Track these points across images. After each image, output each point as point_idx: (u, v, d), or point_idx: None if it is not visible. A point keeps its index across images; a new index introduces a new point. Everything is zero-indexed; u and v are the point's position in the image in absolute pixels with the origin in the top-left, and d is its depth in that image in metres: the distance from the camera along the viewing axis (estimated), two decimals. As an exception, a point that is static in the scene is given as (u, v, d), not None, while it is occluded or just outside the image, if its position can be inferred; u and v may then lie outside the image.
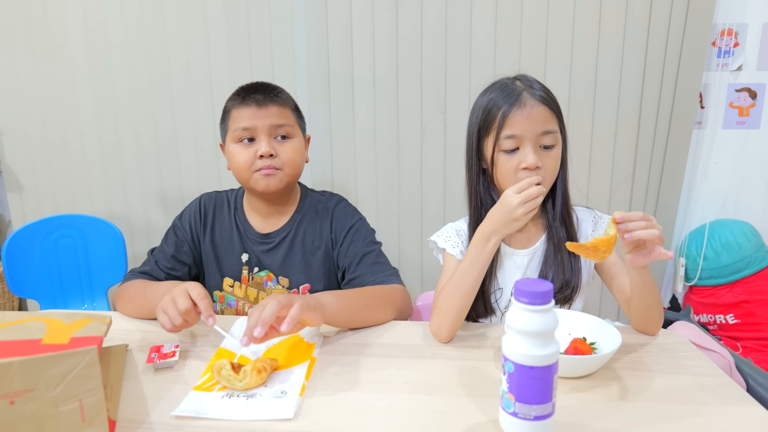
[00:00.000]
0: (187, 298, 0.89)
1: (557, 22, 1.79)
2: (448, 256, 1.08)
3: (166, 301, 0.90)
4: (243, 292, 1.22)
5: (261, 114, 1.12)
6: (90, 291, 1.73)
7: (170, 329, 0.90)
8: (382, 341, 0.96)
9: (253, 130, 1.12)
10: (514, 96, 0.97)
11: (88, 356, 0.59)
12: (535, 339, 0.62)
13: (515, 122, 0.96)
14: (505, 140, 0.97)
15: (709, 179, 1.99)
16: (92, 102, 1.91)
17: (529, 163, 0.95)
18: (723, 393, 0.78)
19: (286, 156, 1.13)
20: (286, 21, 1.83)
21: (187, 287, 0.91)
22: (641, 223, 0.83)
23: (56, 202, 2.00)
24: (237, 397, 0.76)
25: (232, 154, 1.14)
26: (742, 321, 1.83)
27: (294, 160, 1.15)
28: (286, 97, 1.19)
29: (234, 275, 1.22)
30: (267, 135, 1.12)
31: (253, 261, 1.21)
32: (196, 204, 1.26)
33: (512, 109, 0.96)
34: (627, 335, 0.94)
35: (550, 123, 0.97)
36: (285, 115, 1.15)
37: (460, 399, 0.76)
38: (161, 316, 0.91)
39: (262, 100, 1.13)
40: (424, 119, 1.89)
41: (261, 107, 1.12)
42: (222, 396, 0.76)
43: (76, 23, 1.85)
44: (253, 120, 1.12)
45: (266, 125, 1.12)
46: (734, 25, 1.86)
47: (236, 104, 1.14)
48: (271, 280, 1.21)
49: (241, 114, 1.13)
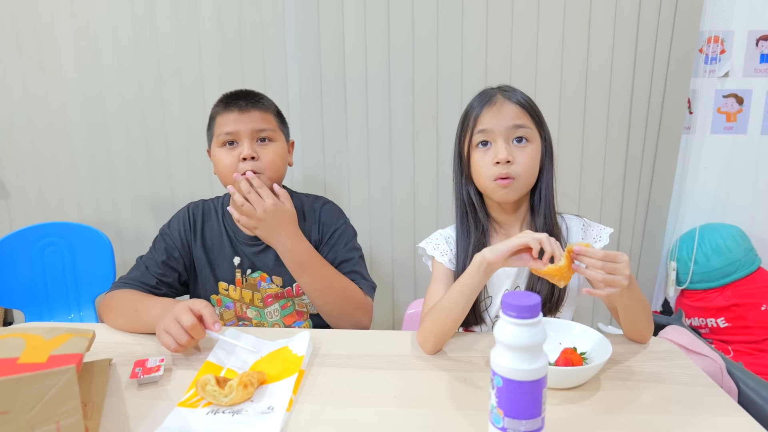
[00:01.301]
0: (190, 314, 0.89)
1: (547, 30, 1.80)
2: (437, 263, 1.08)
3: (168, 322, 0.90)
4: (238, 295, 1.24)
5: (243, 119, 1.16)
6: (77, 301, 1.71)
7: (175, 349, 0.89)
8: (372, 351, 0.95)
9: (235, 134, 1.15)
10: (488, 97, 1.02)
11: (65, 376, 0.58)
12: (524, 353, 0.62)
13: (486, 118, 1.00)
14: (477, 135, 1.01)
15: (699, 183, 2.00)
16: (82, 107, 1.89)
17: (500, 157, 0.97)
18: (713, 403, 0.77)
19: (267, 159, 1.16)
20: (278, 27, 1.82)
21: (188, 303, 0.91)
22: (597, 263, 0.81)
23: (44, 209, 1.97)
24: (222, 414, 0.74)
25: (217, 159, 1.18)
26: (732, 324, 1.84)
27: (275, 163, 1.17)
28: (268, 103, 1.23)
29: (228, 279, 1.24)
30: (249, 138, 1.15)
31: (246, 263, 1.23)
32: (183, 212, 1.27)
33: (484, 109, 1.01)
34: (618, 344, 0.94)
35: (522, 119, 1.00)
36: (267, 119, 1.19)
37: (450, 412, 0.76)
38: (164, 337, 0.90)
39: (245, 105, 1.17)
40: (416, 125, 1.88)
41: (243, 112, 1.16)
42: (207, 412, 0.75)
43: (66, 30, 1.83)
44: (236, 124, 1.15)
45: (248, 129, 1.15)
46: (720, 33, 1.88)
47: (220, 110, 1.19)
48: (264, 280, 1.23)
49: (225, 119, 1.16)
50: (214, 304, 1.25)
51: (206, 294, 1.25)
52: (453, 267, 1.07)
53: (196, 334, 0.89)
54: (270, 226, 1.10)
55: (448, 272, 1.07)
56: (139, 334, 1.02)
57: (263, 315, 1.24)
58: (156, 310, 0.97)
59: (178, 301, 0.95)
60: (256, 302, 1.23)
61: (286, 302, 1.24)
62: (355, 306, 1.15)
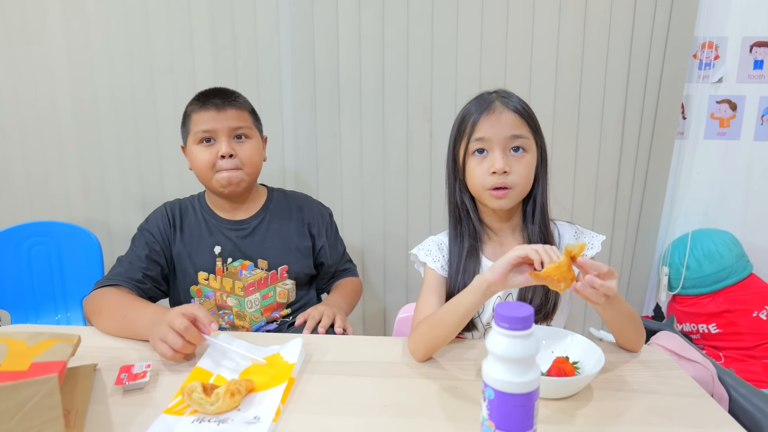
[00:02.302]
0: (183, 318, 0.88)
1: (542, 34, 1.80)
2: (429, 270, 1.07)
3: (162, 329, 0.88)
4: (219, 284, 1.26)
5: (220, 117, 1.20)
6: (64, 301, 1.68)
7: (172, 357, 0.88)
8: (363, 358, 0.94)
9: (213, 132, 1.20)
10: (486, 104, 1.00)
11: (47, 386, 0.56)
12: (516, 365, 0.61)
13: (484, 126, 0.99)
14: (474, 143, 0.99)
15: (692, 189, 2.01)
16: (72, 106, 1.87)
17: (497, 167, 0.96)
18: (704, 414, 0.77)
19: (245, 155, 1.22)
20: (271, 28, 1.81)
21: (180, 308, 0.90)
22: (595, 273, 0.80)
23: (32, 208, 1.94)
24: (208, 423, 0.73)
25: (194, 155, 1.22)
26: (724, 330, 1.84)
27: (252, 159, 1.23)
28: (243, 101, 1.27)
29: (208, 268, 1.26)
30: (226, 136, 1.20)
31: (227, 251, 1.26)
32: (160, 210, 1.29)
33: (482, 116, 0.99)
34: (610, 353, 0.93)
35: (520, 129, 0.99)
36: (243, 117, 1.24)
37: (441, 423, 0.75)
38: (160, 345, 0.88)
39: (221, 104, 1.21)
40: (410, 127, 1.87)
41: (220, 111, 1.20)
42: (192, 420, 0.73)
43: (56, 28, 1.81)
44: (213, 122, 1.20)
45: (225, 127, 1.20)
46: (714, 39, 1.88)
47: (196, 108, 1.22)
48: (246, 269, 1.26)
49: (201, 117, 1.20)
50: (194, 295, 1.27)
51: (185, 286, 1.26)
52: (445, 273, 1.06)
53: (191, 338, 0.88)
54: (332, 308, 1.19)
55: (440, 278, 1.06)
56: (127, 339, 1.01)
57: (243, 304, 1.26)
58: (146, 319, 0.96)
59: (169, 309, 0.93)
60: (237, 291, 1.26)
61: (268, 291, 1.27)
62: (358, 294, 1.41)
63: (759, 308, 1.80)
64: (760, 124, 1.94)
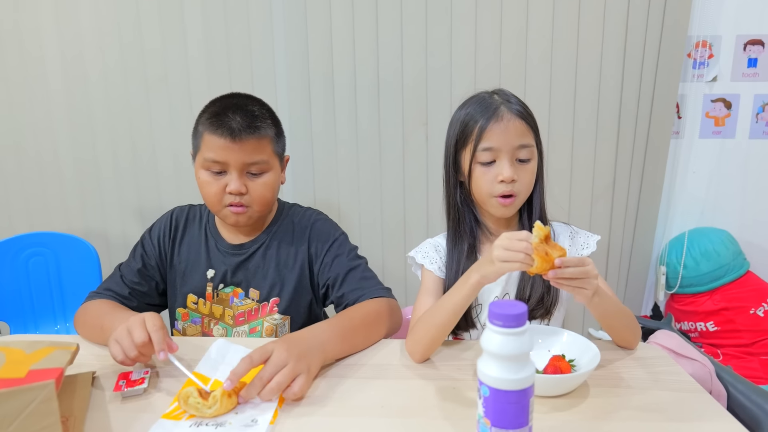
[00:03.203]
0: (143, 330, 0.84)
1: (536, 36, 1.81)
2: (426, 272, 1.07)
3: (120, 332, 0.85)
4: (207, 309, 1.18)
5: (234, 148, 1.03)
6: (63, 312, 1.68)
7: (122, 361, 0.84)
8: (361, 361, 0.94)
9: (224, 164, 1.05)
10: (492, 109, 0.98)
11: (44, 391, 0.57)
12: (510, 362, 0.61)
13: (492, 135, 0.97)
14: (482, 153, 0.98)
15: (688, 188, 2.01)
16: (67, 115, 1.87)
17: (506, 176, 0.96)
18: (701, 409, 0.77)
19: (256, 193, 1.07)
20: (265, 33, 1.82)
21: (144, 317, 0.86)
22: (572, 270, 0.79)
23: (30, 219, 1.95)
24: (206, 426, 0.73)
25: (201, 180, 1.09)
26: (722, 328, 1.84)
27: (265, 197, 1.09)
28: (266, 126, 1.08)
29: (198, 292, 1.17)
30: (238, 171, 1.05)
31: (219, 277, 1.16)
32: (167, 218, 1.22)
33: (490, 123, 0.97)
34: (606, 351, 0.93)
35: (527, 137, 0.99)
36: (261, 148, 1.06)
37: (438, 422, 0.75)
38: (114, 346, 0.85)
39: (238, 131, 1.02)
40: (406, 131, 1.88)
41: (235, 141, 1.02)
42: (190, 425, 0.74)
43: (50, 36, 1.82)
44: (225, 153, 1.03)
45: (239, 162, 1.04)
46: (708, 37, 1.89)
47: (208, 128, 1.05)
48: (237, 296, 1.16)
49: (213, 143, 1.04)
50: (179, 317, 1.19)
51: (173, 306, 1.20)
52: (443, 275, 1.06)
53: (146, 352, 0.85)
54: (300, 354, 0.83)
55: (437, 280, 1.06)
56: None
57: (230, 333, 1.16)
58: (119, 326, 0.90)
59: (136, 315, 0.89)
60: (227, 319, 1.16)
61: (256, 325, 1.16)
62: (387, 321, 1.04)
63: (756, 305, 1.81)
64: (755, 122, 1.95)
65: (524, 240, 0.80)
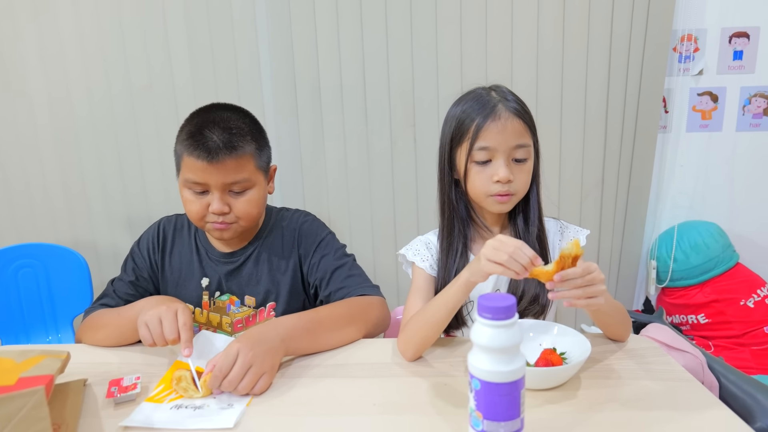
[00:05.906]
0: (175, 326, 0.88)
1: (521, 33, 1.82)
2: (417, 269, 1.07)
3: (152, 317, 0.89)
4: (205, 318, 1.17)
5: (212, 170, 1.00)
6: (54, 322, 1.67)
7: (151, 345, 0.90)
8: (353, 360, 0.94)
9: (204, 185, 1.02)
10: (489, 107, 0.96)
11: (34, 398, 0.56)
12: (500, 355, 0.61)
13: (489, 134, 0.95)
14: (478, 152, 0.97)
15: (676, 182, 2.03)
16: (51, 126, 1.86)
17: (501, 177, 0.95)
18: (692, 398, 0.78)
19: (240, 211, 1.05)
20: (250, 38, 1.82)
21: (177, 311, 0.89)
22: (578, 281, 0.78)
23: (18, 231, 1.93)
24: (185, 409, 0.79)
25: (184, 199, 1.06)
26: (712, 320, 1.86)
27: (249, 213, 1.06)
28: (245, 142, 1.03)
29: (194, 302, 1.16)
30: (220, 191, 1.02)
31: (214, 285, 1.16)
32: (154, 229, 1.21)
33: (486, 121, 0.95)
34: (597, 343, 0.94)
35: (524, 137, 0.98)
36: (241, 167, 1.02)
37: (430, 418, 0.75)
38: (144, 329, 0.89)
39: (215, 152, 0.99)
40: (394, 133, 1.89)
41: (212, 162, 0.99)
42: (171, 407, 0.80)
43: (32, 47, 1.81)
44: (204, 175, 1.00)
45: (219, 182, 1.01)
46: (693, 31, 1.90)
47: (186, 150, 1.01)
48: (233, 304, 1.16)
49: (192, 164, 1.01)
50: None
51: None
52: (434, 272, 1.06)
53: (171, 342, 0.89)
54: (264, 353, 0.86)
55: (428, 278, 1.06)
56: (114, 351, 1.01)
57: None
58: (140, 304, 0.98)
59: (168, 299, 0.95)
60: (225, 326, 1.16)
61: None
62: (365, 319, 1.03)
63: (746, 296, 1.82)
64: (742, 114, 1.97)
65: (518, 248, 0.78)
